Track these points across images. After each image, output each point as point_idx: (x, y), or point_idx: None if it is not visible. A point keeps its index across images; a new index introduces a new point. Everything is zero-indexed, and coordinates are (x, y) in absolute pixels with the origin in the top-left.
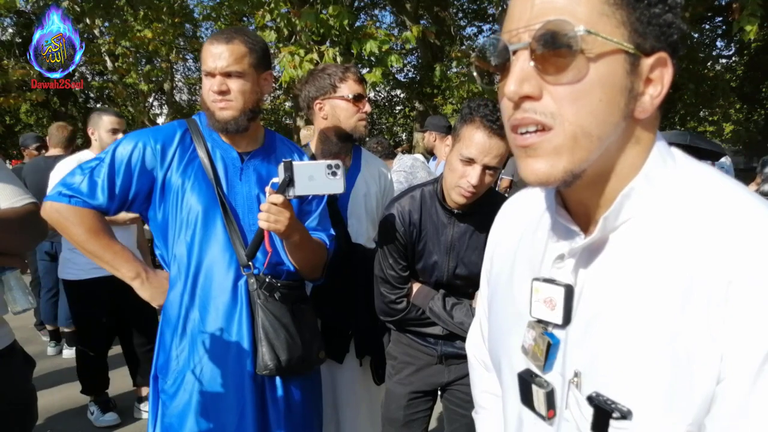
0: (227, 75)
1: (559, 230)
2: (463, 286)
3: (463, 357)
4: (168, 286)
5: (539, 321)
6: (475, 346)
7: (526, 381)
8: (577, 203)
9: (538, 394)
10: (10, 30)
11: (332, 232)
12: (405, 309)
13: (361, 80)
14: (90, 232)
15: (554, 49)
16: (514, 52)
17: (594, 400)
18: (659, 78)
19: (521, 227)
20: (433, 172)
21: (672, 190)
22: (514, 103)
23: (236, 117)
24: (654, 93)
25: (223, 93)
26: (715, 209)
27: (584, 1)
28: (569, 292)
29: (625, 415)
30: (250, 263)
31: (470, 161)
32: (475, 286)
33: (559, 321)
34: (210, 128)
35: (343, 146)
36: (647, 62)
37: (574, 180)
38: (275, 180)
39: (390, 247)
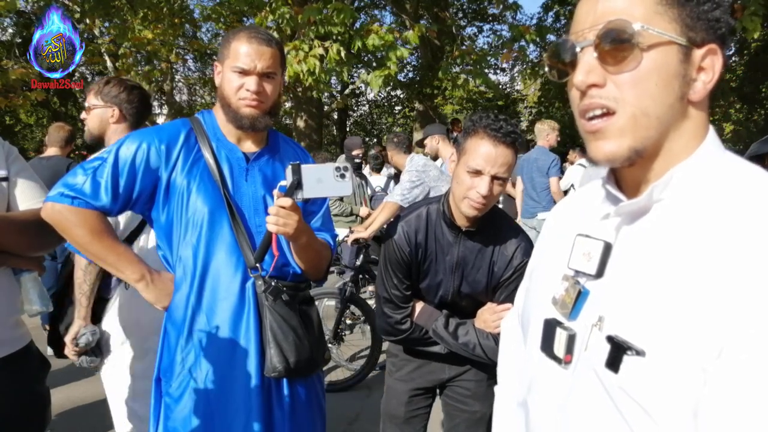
0: (264, 76)
1: (608, 198)
2: (468, 305)
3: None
4: (173, 288)
5: (575, 273)
6: (509, 320)
7: (551, 325)
8: (631, 181)
9: (561, 337)
10: (10, 30)
11: (335, 232)
12: (409, 329)
13: None
14: (93, 233)
15: (615, 44)
16: (581, 49)
17: (613, 339)
18: (710, 66)
19: (574, 205)
20: (444, 172)
21: (719, 177)
22: (581, 92)
23: (262, 115)
24: (706, 79)
25: (259, 93)
26: (752, 202)
27: (640, 2)
28: (607, 247)
29: (639, 353)
30: (257, 265)
31: (478, 173)
32: (479, 305)
33: (593, 272)
34: (216, 126)
35: None
36: (699, 53)
37: (637, 157)
38: (283, 183)
39: (394, 267)
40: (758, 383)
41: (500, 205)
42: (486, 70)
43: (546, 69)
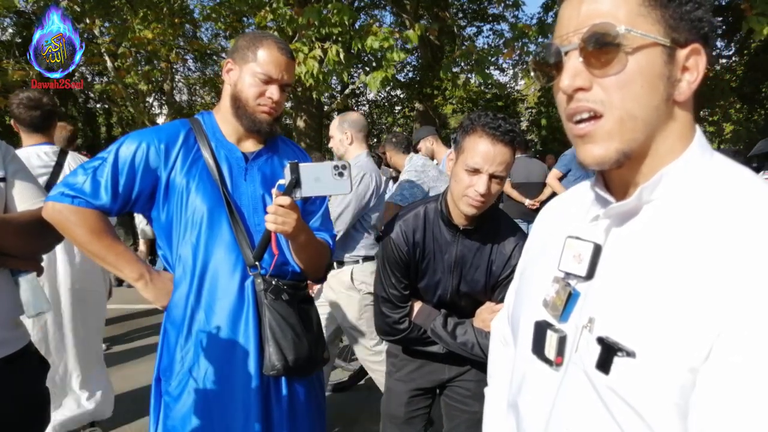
0: (284, 86)
1: (598, 200)
2: (467, 305)
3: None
4: (172, 287)
5: (566, 274)
6: (499, 321)
7: (542, 327)
8: (619, 183)
9: (551, 339)
10: (10, 30)
11: (334, 232)
12: (408, 329)
13: None
14: (93, 233)
15: (600, 47)
16: (566, 53)
17: (603, 340)
18: (694, 66)
19: (564, 207)
20: (444, 171)
21: (707, 178)
22: (568, 96)
23: (273, 121)
24: (690, 79)
25: (278, 102)
26: (741, 203)
27: (624, 4)
28: (597, 249)
29: (629, 354)
30: (257, 263)
31: (476, 171)
32: (478, 304)
33: (583, 273)
34: (215, 127)
35: None
36: (682, 53)
37: (626, 160)
38: (281, 181)
39: (392, 266)
40: (753, 384)
41: (501, 205)
42: (487, 70)
43: (532, 73)
